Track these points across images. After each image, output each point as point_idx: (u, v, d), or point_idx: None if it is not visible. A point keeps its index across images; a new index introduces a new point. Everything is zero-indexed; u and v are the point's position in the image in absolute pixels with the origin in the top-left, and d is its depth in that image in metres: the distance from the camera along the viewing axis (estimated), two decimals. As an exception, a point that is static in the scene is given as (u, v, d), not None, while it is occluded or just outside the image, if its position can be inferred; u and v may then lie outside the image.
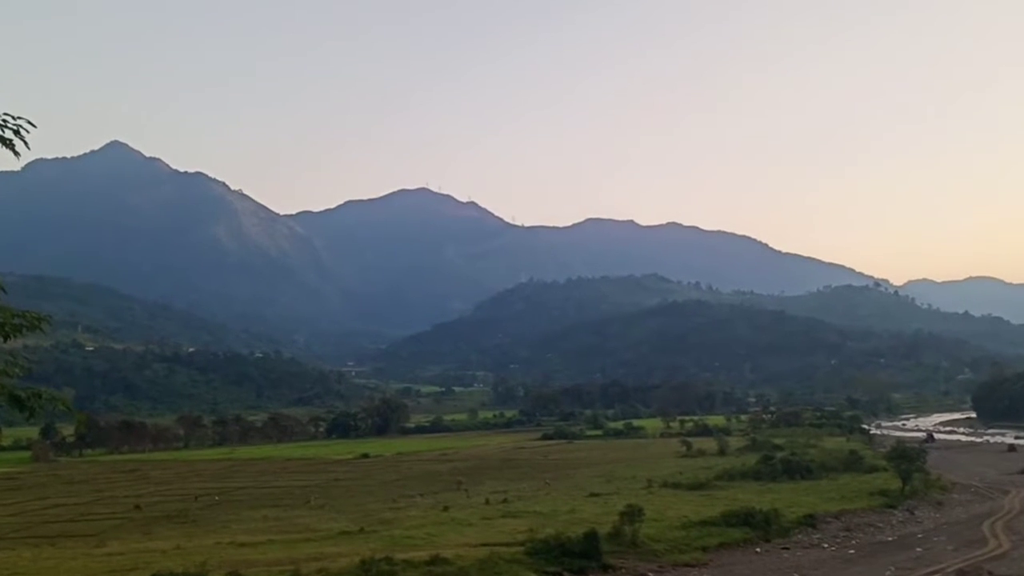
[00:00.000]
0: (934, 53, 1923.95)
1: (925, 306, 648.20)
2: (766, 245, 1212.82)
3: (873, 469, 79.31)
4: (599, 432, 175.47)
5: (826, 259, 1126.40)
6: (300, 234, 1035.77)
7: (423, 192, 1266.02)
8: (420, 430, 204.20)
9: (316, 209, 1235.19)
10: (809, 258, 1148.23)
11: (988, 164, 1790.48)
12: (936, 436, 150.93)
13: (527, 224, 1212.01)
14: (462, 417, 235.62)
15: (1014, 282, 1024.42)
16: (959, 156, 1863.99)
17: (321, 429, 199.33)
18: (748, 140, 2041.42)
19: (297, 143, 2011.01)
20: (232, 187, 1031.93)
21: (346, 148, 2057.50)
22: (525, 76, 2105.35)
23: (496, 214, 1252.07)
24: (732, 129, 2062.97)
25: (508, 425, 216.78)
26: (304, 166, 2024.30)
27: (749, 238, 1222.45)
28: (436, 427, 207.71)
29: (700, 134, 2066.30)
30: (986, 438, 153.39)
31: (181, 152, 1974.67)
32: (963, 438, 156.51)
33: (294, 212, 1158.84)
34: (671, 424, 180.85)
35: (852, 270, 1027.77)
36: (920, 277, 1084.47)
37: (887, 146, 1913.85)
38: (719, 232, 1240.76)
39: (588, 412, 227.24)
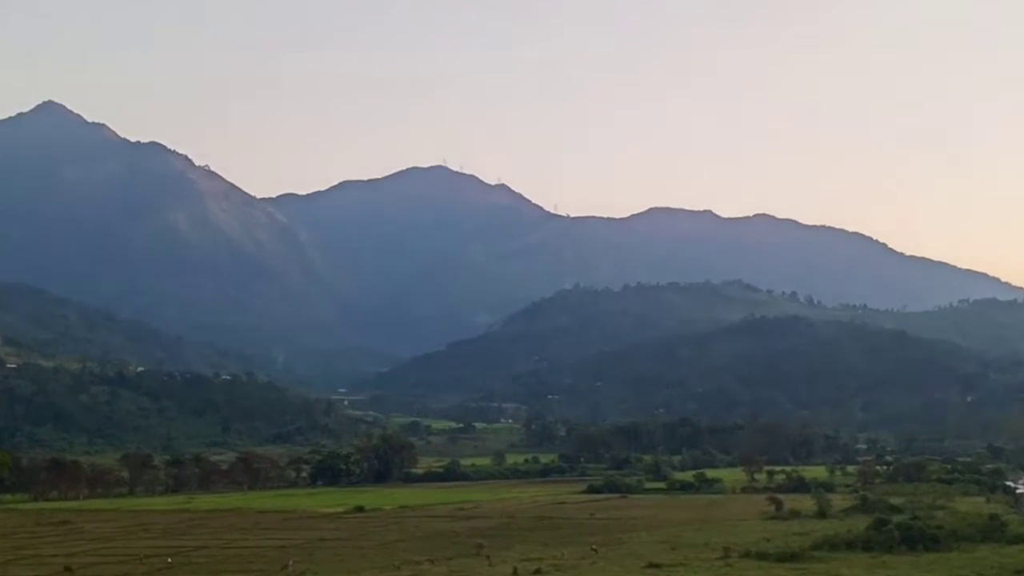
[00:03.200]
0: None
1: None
2: (884, 246, 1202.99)
3: (1020, 539, 78.27)
4: (662, 485, 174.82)
5: (962, 265, 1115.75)
6: (282, 223, 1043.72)
7: (439, 171, 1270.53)
8: (430, 478, 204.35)
9: (302, 192, 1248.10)
10: (940, 263, 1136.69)
11: None
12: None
13: (573, 214, 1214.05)
14: (485, 462, 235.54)
15: None
16: None
17: (304, 474, 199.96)
18: (862, 111, 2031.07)
19: (279, 108, 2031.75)
20: (196, 162, 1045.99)
21: (342, 114, 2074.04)
22: (573, 26, 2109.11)
23: (534, 201, 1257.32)
24: (840, 98, 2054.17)
25: (544, 473, 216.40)
26: (288, 137, 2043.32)
27: (862, 236, 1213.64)
28: (451, 474, 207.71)
29: (798, 103, 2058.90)
30: None
31: (132, 117, 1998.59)
32: None
33: (274, 195, 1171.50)
34: (756, 476, 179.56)
35: (997, 280, 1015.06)
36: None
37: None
38: (822, 228, 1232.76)
39: (648, 459, 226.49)
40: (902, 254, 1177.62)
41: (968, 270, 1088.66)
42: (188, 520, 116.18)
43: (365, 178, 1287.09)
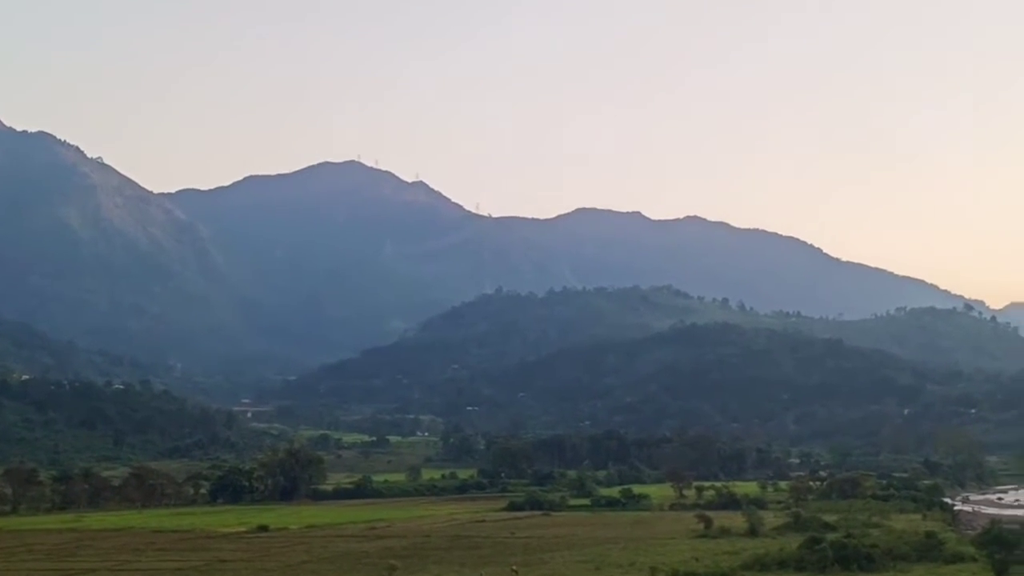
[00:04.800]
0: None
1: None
2: (819, 251, 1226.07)
3: (957, 559, 79.78)
4: (586, 501, 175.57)
5: (900, 271, 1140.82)
6: (181, 220, 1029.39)
7: (353, 167, 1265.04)
8: (340, 495, 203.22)
9: (204, 187, 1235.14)
10: (877, 269, 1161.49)
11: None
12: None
13: (496, 214, 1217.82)
14: (399, 478, 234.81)
15: None
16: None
17: (203, 491, 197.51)
18: (796, 113, 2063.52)
19: (179, 97, 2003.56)
20: (89, 154, 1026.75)
21: (248, 104, 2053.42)
22: (497, 17, 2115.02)
23: (453, 199, 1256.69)
24: (775, 99, 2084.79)
25: (462, 490, 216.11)
26: (189, 128, 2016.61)
27: (796, 240, 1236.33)
28: (363, 491, 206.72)
29: (731, 104, 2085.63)
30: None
31: (18, 105, 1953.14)
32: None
33: (174, 190, 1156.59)
34: (685, 492, 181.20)
35: (935, 287, 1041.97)
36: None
37: (986, 130, 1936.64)
38: (755, 231, 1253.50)
39: (572, 474, 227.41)
40: (838, 259, 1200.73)
41: (905, 277, 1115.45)
42: (76, 540, 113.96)
43: (273, 173, 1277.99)
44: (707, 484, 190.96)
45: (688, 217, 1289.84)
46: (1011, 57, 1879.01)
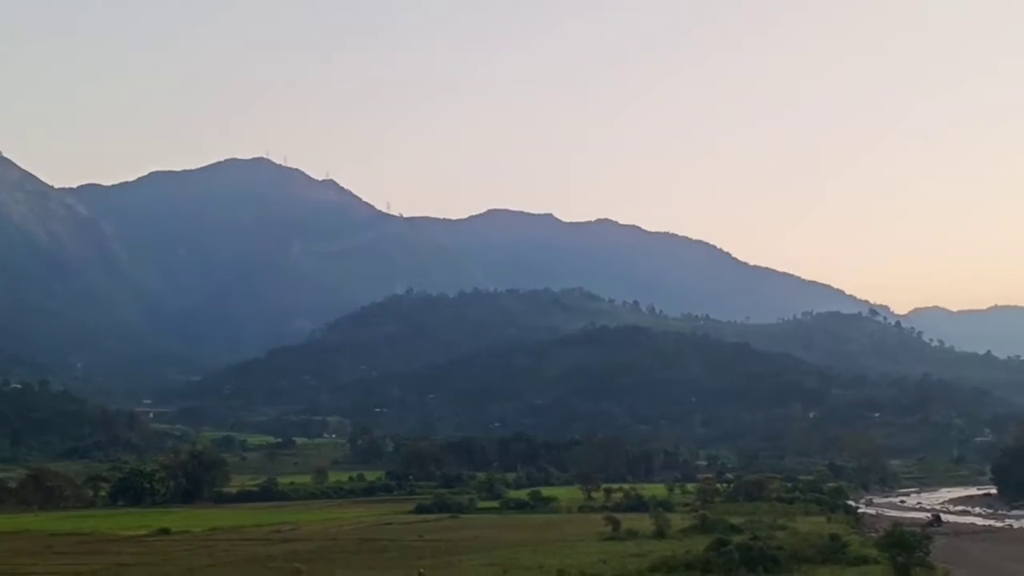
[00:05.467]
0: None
1: (935, 343, 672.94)
2: (728, 255, 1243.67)
3: (861, 561, 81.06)
4: (495, 504, 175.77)
5: (807, 276, 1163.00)
6: (83, 216, 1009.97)
7: (261, 164, 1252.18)
8: (245, 497, 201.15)
9: (107, 182, 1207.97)
10: (785, 274, 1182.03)
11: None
12: (945, 518, 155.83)
13: (407, 214, 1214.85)
14: (305, 480, 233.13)
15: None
16: (987, 154, 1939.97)
17: (103, 493, 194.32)
18: (707, 116, 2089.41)
19: (82, 89, 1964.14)
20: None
21: (153, 98, 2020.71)
22: (408, 12, 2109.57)
23: (364, 199, 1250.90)
24: (686, 102, 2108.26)
25: (370, 492, 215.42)
26: (92, 121, 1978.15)
27: (706, 244, 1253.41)
28: (268, 493, 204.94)
29: (643, 106, 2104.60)
30: (1009, 522, 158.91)
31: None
32: (980, 521, 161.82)
33: (75, 185, 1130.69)
34: (593, 495, 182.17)
35: (841, 292, 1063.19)
36: (930, 304, 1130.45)
37: (895, 141, 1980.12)
38: (666, 235, 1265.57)
39: (481, 476, 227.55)
40: (746, 264, 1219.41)
41: (812, 282, 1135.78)
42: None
43: (179, 168, 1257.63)
44: (615, 486, 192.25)
45: (600, 220, 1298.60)
46: (919, 62, 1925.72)
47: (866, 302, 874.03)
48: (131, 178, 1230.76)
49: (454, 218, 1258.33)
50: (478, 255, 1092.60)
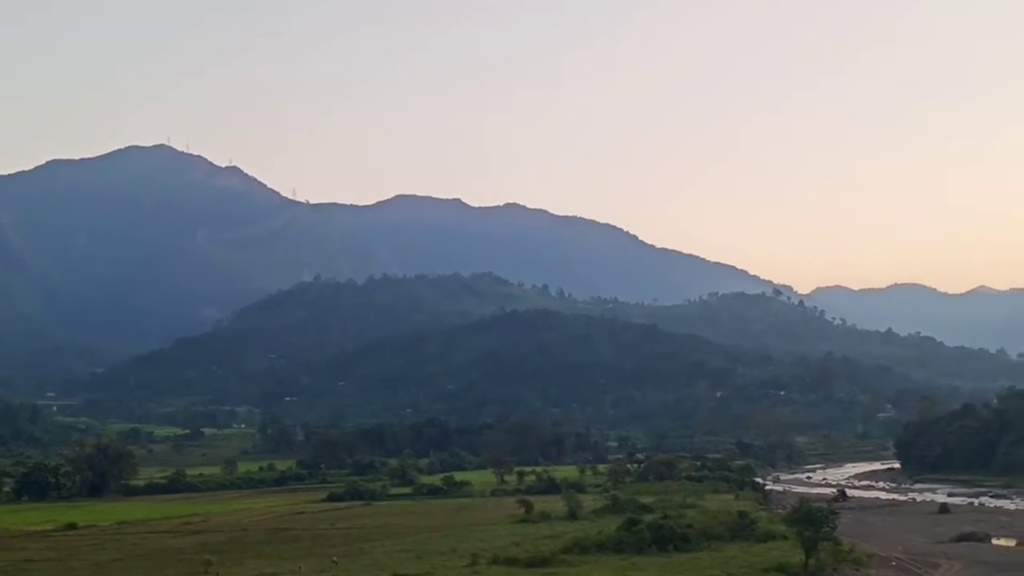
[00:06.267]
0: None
1: (838, 321, 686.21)
2: (635, 237, 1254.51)
3: (769, 537, 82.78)
4: (408, 490, 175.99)
5: (711, 258, 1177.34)
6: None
7: (162, 151, 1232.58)
8: (153, 490, 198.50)
9: (4, 171, 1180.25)
10: (690, 256, 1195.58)
11: (922, 147, 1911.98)
12: (850, 493, 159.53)
13: (313, 200, 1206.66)
14: (214, 471, 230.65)
15: (949, 291, 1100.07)
16: (887, 134, 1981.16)
17: (6, 488, 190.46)
18: (613, 100, 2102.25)
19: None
20: None
21: (50, 84, 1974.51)
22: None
23: (269, 185, 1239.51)
24: (592, 85, 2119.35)
25: (281, 482, 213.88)
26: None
27: (613, 227, 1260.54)
28: (176, 485, 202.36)
29: (549, 89, 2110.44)
30: (912, 496, 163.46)
31: None
32: (884, 495, 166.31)
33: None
34: (506, 478, 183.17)
35: (745, 272, 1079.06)
36: (832, 284, 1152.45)
37: (794, 119, 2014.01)
38: (574, 218, 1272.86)
39: (393, 462, 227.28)
40: (652, 246, 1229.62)
41: (717, 263, 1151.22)
42: None
43: (77, 157, 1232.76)
44: (528, 469, 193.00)
45: (508, 204, 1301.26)
46: (811, 29, 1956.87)
47: (770, 282, 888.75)
48: (28, 167, 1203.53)
49: (361, 204, 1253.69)
50: (386, 241, 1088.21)
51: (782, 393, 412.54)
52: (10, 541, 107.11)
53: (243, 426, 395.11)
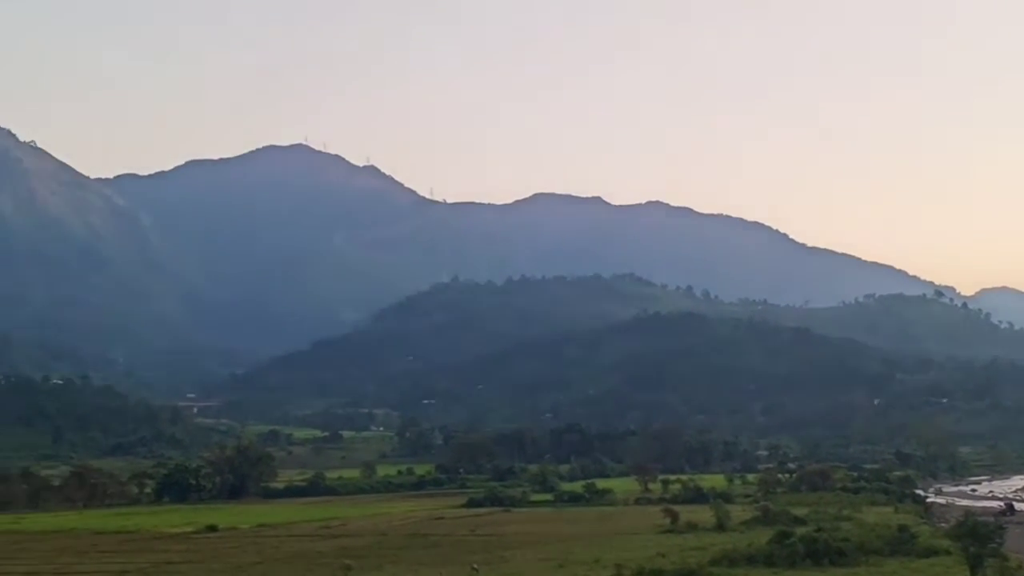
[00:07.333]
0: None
1: (1005, 325, 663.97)
2: (785, 236, 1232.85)
3: (931, 552, 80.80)
4: (549, 496, 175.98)
5: (868, 258, 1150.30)
6: (120, 207, 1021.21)
7: (300, 151, 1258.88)
8: (292, 492, 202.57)
9: (144, 172, 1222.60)
10: (844, 255, 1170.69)
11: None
12: (1018, 507, 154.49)
13: (451, 200, 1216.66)
14: (353, 475, 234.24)
15: None
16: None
17: (148, 490, 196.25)
18: (761, 93, 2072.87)
19: (117, 78, 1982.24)
20: (22, 138, 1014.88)
21: (189, 86, 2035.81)
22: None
23: (407, 184, 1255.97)
24: (739, 78, 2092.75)
25: (419, 486, 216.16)
26: (128, 110, 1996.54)
27: (762, 226, 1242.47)
28: (315, 488, 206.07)
29: (693, 83, 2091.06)
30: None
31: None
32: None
33: (112, 175, 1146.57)
34: (650, 486, 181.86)
35: (904, 273, 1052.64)
36: (998, 285, 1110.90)
37: (956, 109, 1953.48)
38: (720, 216, 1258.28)
39: (533, 468, 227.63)
40: (804, 245, 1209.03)
41: (874, 263, 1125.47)
42: (15, 543, 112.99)
43: (216, 157, 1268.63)
44: (673, 477, 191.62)
45: (650, 202, 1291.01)
46: (982, 42, 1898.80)
47: (931, 283, 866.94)
48: (168, 167, 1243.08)
49: (499, 203, 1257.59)
50: (525, 241, 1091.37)
51: (944, 401, 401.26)
52: (151, 543, 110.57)
53: (381, 429, 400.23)
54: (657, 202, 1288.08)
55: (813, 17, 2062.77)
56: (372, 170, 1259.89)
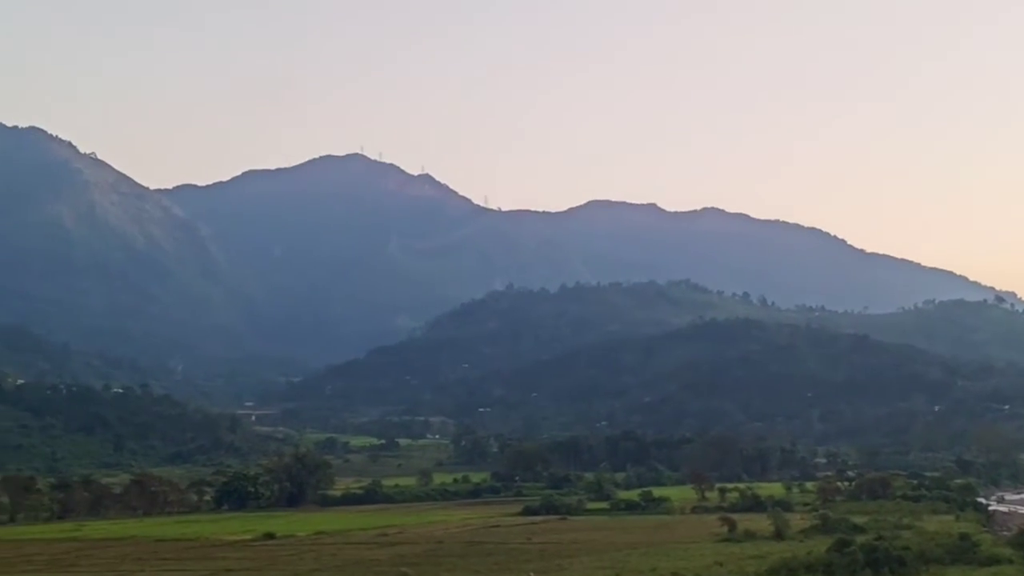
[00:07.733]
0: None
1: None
2: (843, 242, 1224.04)
3: (993, 561, 79.93)
4: (605, 505, 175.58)
5: (928, 263, 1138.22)
6: (180, 217, 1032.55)
7: (356, 160, 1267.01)
8: (349, 500, 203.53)
9: (202, 182, 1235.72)
10: (903, 260, 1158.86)
11: None
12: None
13: (505, 207, 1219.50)
14: (410, 482, 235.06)
15: None
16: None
17: (207, 498, 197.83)
18: (818, 99, 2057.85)
19: (175, 88, 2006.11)
20: (82, 149, 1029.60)
21: (246, 97, 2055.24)
22: (504, 4, 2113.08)
23: (461, 192, 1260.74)
24: (794, 85, 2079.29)
25: (475, 494, 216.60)
26: (186, 122, 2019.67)
27: (819, 231, 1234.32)
28: (372, 496, 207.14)
29: (749, 89, 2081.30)
30: None
31: (8, 99, 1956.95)
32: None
33: (171, 186, 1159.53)
34: (707, 494, 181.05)
35: (965, 279, 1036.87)
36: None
37: (1018, 118, 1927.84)
38: (776, 222, 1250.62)
39: (589, 476, 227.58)
40: (862, 251, 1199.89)
41: (933, 268, 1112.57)
42: (76, 550, 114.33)
43: (273, 167, 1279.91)
44: (730, 486, 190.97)
45: (706, 208, 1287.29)
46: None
47: (991, 288, 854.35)
48: (226, 178, 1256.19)
49: (553, 211, 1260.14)
50: (579, 248, 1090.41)
51: (1006, 407, 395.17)
52: (210, 550, 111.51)
53: (437, 437, 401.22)
54: (712, 208, 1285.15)
55: (867, 17, 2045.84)
56: (427, 179, 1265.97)
